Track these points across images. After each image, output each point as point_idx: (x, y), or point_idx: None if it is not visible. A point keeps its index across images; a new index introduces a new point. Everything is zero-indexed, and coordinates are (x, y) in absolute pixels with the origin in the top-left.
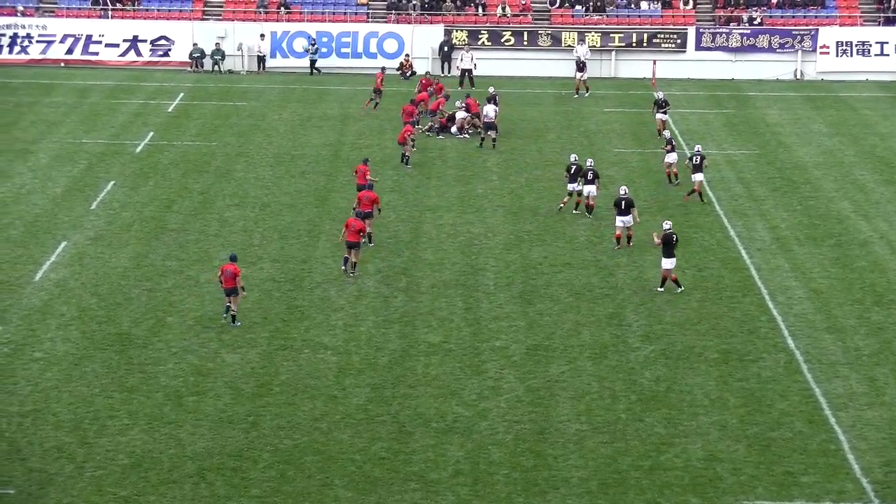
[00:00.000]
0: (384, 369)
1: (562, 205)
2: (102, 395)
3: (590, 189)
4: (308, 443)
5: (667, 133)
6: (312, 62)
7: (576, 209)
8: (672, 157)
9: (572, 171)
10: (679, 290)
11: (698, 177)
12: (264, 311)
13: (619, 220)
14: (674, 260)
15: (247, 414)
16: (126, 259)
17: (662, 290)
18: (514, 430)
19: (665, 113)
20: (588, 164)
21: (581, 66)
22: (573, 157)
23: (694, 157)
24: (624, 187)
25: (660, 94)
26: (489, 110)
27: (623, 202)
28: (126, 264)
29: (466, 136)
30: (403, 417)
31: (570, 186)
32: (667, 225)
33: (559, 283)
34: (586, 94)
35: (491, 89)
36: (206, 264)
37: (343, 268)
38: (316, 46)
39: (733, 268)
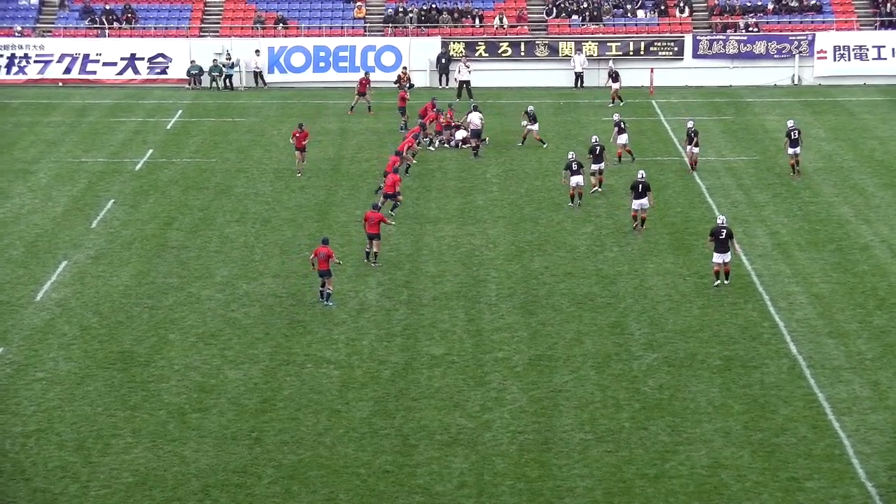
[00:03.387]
0: (387, 382)
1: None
2: (105, 414)
3: (576, 179)
4: (312, 457)
5: (616, 116)
6: (228, 77)
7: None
8: (623, 139)
9: (597, 153)
10: (726, 282)
11: (796, 150)
12: (266, 327)
13: (636, 203)
14: (728, 254)
15: (250, 430)
16: (127, 277)
17: (728, 282)
18: (518, 441)
19: (697, 145)
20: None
21: (615, 77)
22: (594, 139)
23: (792, 133)
24: (641, 171)
25: (690, 124)
26: (474, 118)
27: (640, 185)
28: (127, 282)
29: (465, 146)
30: (407, 430)
31: (594, 167)
32: (720, 219)
33: (561, 292)
34: (621, 104)
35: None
36: (206, 281)
37: (366, 260)
38: (231, 62)
39: (734, 274)
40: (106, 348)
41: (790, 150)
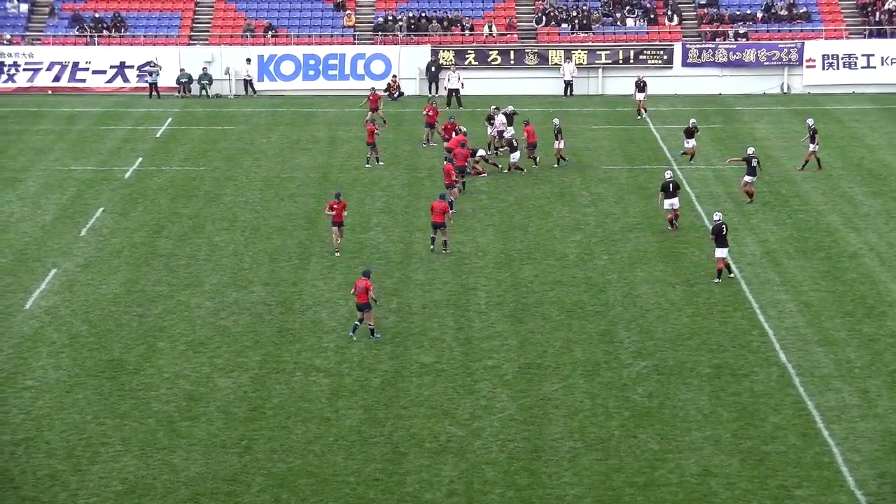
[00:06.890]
0: (377, 390)
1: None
2: (95, 422)
3: (558, 145)
4: (302, 466)
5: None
6: (152, 85)
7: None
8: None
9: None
10: (731, 276)
11: (813, 147)
12: (256, 335)
13: (668, 203)
14: (726, 250)
15: (240, 438)
16: (116, 285)
17: (719, 280)
18: (508, 449)
19: (753, 175)
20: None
21: (641, 87)
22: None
23: (809, 129)
24: (668, 171)
25: (751, 151)
26: (500, 119)
27: (671, 185)
28: (116, 290)
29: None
30: (397, 438)
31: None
32: (717, 216)
33: (550, 300)
34: (645, 114)
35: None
36: (196, 289)
37: (432, 247)
38: (157, 68)
39: (724, 282)
40: (95, 356)
41: (810, 146)
